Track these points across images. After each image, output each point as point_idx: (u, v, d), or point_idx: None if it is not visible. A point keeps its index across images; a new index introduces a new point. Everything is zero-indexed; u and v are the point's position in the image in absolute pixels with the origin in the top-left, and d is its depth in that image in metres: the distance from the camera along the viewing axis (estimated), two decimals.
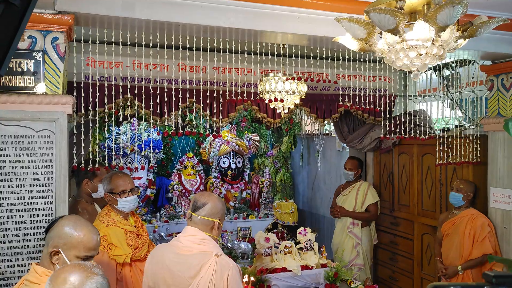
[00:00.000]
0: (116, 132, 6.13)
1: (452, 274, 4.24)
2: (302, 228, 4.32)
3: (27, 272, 2.24)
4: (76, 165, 3.22)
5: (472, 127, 4.63)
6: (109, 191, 3.21)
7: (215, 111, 4.27)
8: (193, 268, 2.36)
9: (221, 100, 3.94)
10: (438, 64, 5.13)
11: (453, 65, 5.01)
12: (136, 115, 4.58)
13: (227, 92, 4.05)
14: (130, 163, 6.29)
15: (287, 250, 4.14)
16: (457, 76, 5.06)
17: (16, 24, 1.12)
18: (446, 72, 5.16)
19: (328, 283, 3.98)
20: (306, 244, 4.21)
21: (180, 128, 3.64)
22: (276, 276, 3.87)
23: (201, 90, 3.77)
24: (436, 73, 5.25)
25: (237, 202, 6.93)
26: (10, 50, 1.13)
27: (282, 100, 3.93)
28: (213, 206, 2.51)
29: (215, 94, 4.10)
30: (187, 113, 4.23)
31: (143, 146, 6.23)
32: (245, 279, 3.36)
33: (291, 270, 3.95)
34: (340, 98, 4.20)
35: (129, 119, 5.06)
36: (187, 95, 3.55)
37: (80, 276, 1.57)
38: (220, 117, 4.23)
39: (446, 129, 4.86)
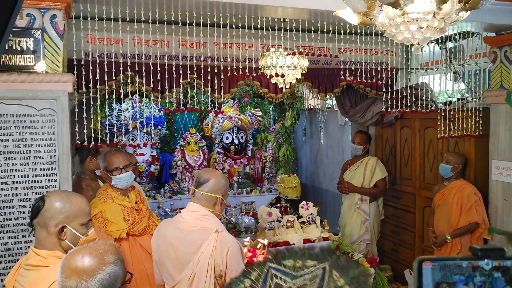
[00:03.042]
0: (119, 109, 6.14)
1: (442, 243, 4.39)
2: (304, 202, 4.36)
3: None
4: (79, 142, 3.25)
5: (475, 100, 4.61)
6: (104, 169, 3.28)
7: (216, 87, 4.26)
8: (194, 244, 2.40)
9: (222, 76, 3.93)
10: (441, 37, 5.07)
11: (456, 37, 4.96)
12: (138, 92, 4.58)
13: (228, 68, 4.04)
14: (133, 140, 6.33)
15: (290, 224, 4.19)
16: (460, 49, 5.01)
17: (12, 4, 1.12)
18: (449, 45, 5.11)
19: None
20: (308, 218, 4.25)
21: (181, 105, 3.65)
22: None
23: (202, 66, 3.76)
24: (439, 45, 5.19)
25: (240, 177, 6.97)
26: (6, 31, 1.13)
27: (283, 75, 3.91)
28: (216, 182, 2.54)
29: (215, 70, 4.08)
30: (189, 90, 4.22)
31: (145, 123, 6.25)
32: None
33: (293, 244, 4.00)
34: (341, 72, 4.18)
35: (130, 96, 5.07)
36: (188, 71, 3.54)
37: (91, 267, 1.53)
38: (222, 93, 4.21)
39: (448, 102, 4.84)
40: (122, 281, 1.59)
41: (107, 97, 3.42)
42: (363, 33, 4.40)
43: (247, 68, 3.79)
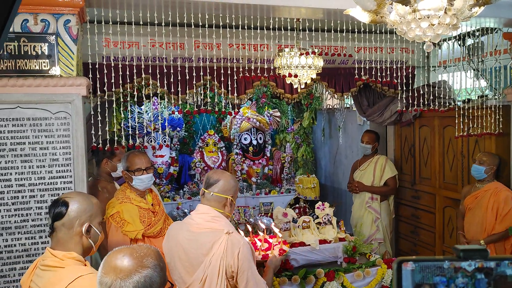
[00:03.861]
0: (138, 112, 6.22)
1: None
2: (320, 202, 4.33)
3: None
4: (95, 145, 3.30)
5: (495, 97, 4.50)
6: (126, 169, 3.33)
7: (229, 88, 4.27)
8: (205, 246, 2.41)
9: (235, 77, 3.94)
10: (460, 33, 4.98)
11: (476, 33, 4.86)
12: (158, 94, 4.63)
13: (245, 69, 4.04)
14: (152, 141, 6.39)
15: (305, 224, 4.16)
16: (480, 45, 4.91)
17: (8, 8, 1.14)
18: (469, 41, 5.01)
19: (347, 256, 4.00)
20: (324, 218, 4.22)
21: (195, 106, 3.67)
22: (294, 250, 3.91)
23: (216, 67, 3.77)
24: (459, 42, 5.10)
25: (259, 178, 6.96)
26: (3, 35, 1.16)
27: (296, 75, 3.90)
28: (225, 183, 2.55)
29: (229, 71, 4.10)
30: (207, 91, 4.25)
31: (166, 124, 6.29)
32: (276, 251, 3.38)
33: (309, 245, 3.98)
34: (356, 71, 4.13)
35: (150, 98, 5.13)
36: (201, 73, 3.56)
37: (128, 267, 1.52)
38: (235, 94, 4.22)
39: (468, 100, 4.75)
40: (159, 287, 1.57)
41: (121, 100, 3.46)
42: (380, 32, 4.35)
43: (262, 68, 3.78)
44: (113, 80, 3.74)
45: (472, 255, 0.68)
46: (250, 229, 3.48)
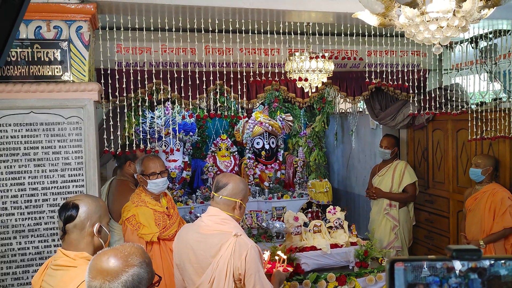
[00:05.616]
0: (151, 116, 6.27)
1: None
2: (331, 206, 4.31)
3: None
4: (107, 149, 3.34)
5: (509, 100, 4.45)
6: (141, 173, 3.36)
7: (239, 92, 4.29)
8: (213, 248, 2.42)
9: (244, 82, 3.96)
10: (474, 36, 4.94)
11: (489, 36, 4.81)
12: (170, 99, 4.67)
13: (257, 73, 4.05)
14: (165, 146, 6.45)
15: (317, 228, 4.15)
16: (493, 48, 4.86)
17: (14, 16, 1.17)
18: (482, 44, 4.96)
19: (358, 261, 3.98)
20: (336, 222, 4.20)
21: (206, 111, 3.69)
22: (305, 254, 3.90)
23: (226, 72, 3.80)
24: (472, 45, 5.05)
25: (271, 182, 6.96)
26: (8, 42, 1.18)
27: (306, 79, 3.90)
28: (234, 187, 2.56)
29: (239, 76, 4.12)
30: (218, 96, 4.28)
31: (177, 129, 6.35)
32: (277, 257, 3.38)
33: (320, 249, 3.96)
34: (367, 75, 4.12)
35: (162, 103, 5.18)
36: (211, 78, 3.59)
37: (115, 268, 1.55)
38: (245, 99, 4.23)
39: (481, 103, 4.70)
40: (147, 283, 1.61)
41: (133, 104, 3.50)
42: (391, 35, 4.34)
43: (274, 73, 3.80)
44: (125, 86, 3.80)
45: (465, 255, 0.68)
46: (283, 256, 3.32)
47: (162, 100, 4.36)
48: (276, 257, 3.29)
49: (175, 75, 3.60)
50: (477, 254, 0.69)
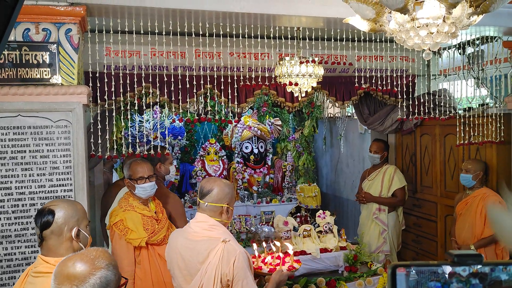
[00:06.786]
0: (140, 120, 6.23)
1: None
2: (321, 211, 4.32)
3: None
4: (94, 153, 3.30)
5: (496, 105, 4.50)
6: (128, 177, 3.32)
7: (229, 96, 4.28)
8: (201, 254, 2.40)
9: (235, 86, 3.95)
10: (461, 42, 5.00)
11: (477, 42, 4.87)
12: (159, 103, 4.65)
13: (246, 77, 4.04)
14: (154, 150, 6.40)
15: (306, 233, 4.16)
16: (480, 54, 4.92)
17: (7, 18, 1.15)
18: (469, 50, 5.02)
19: (348, 265, 3.99)
20: (325, 227, 4.21)
21: (196, 115, 3.68)
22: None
23: (216, 76, 3.79)
24: (459, 51, 5.11)
25: (260, 186, 6.95)
26: (1, 44, 1.16)
27: (296, 84, 3.91)
28: (219, 192, 2.51)
29: (229, 80, 4.11)
30: (208, 100, 4.26)
31: (166, 133, 6.30)
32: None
33: (310, 253, 3.97)
34: (356, 80, 4.14)
35: (151, 107, 5.15)
36: (201, 82, 3.57)
37: (82, 272, 1.55)
38: (236, 103, 4.23)
39: (469, 108, 4.75)
40: (115, 285, 1.61)
41: (126, 108, 3.47)
42: (380, 40, 4.37)
43: (263, 77, 3.79)
44: (113, 89, 3.76)
45: (466, 260, 0.68)
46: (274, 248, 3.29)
47: (151, 103, 4.33)
48: (281, 254, 3.21)
49: (165, 79, 3.58)
50: (478, 259, 0.68)
